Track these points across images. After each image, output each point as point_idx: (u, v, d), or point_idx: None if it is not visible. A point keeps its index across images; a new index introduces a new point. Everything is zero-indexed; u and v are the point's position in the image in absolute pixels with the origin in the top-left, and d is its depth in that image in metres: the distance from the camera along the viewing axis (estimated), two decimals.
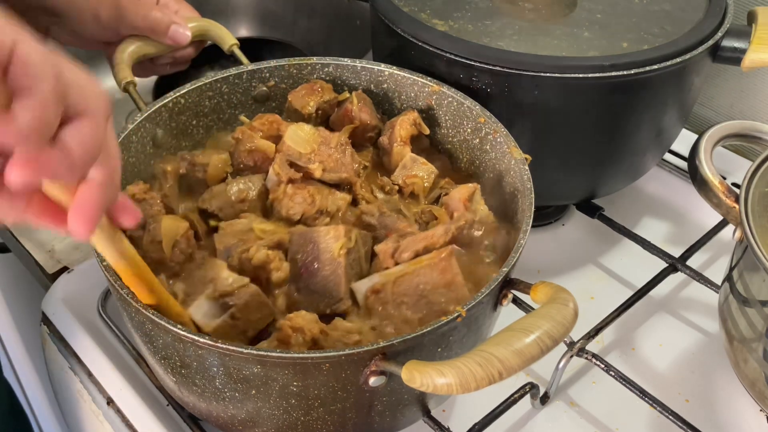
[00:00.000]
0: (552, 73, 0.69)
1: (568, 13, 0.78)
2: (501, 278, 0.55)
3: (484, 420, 0.65)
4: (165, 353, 0.56)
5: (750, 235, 0.60)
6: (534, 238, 0.86)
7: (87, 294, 0.77)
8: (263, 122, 0.71)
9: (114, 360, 0.71)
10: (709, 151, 0.69)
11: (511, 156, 0.66)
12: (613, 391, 0.70)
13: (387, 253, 0.61)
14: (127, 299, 0.53)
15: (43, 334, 0.77)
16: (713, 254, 0.86)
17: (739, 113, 1.00)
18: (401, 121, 0.72)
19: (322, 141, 0.68)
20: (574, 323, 0.49)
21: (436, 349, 0.55)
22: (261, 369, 0.52)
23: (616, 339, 0.77)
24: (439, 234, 0.61)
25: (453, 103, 0.72)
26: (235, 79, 0.75)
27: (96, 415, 0.71)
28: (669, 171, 0.94)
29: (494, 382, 0.46)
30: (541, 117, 0.73)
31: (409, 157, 0.70)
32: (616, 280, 0.83)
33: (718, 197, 0.67)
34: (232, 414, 0.57)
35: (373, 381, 0.52)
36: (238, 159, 0.69)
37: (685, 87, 0.76)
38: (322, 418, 0.56)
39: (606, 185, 0.83)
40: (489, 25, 0.76)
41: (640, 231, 0.84)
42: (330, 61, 0.76)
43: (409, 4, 0.78)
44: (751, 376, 0.65)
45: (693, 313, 0.80)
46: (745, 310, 0.64)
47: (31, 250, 0.83)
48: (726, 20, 0.76)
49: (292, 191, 0.66)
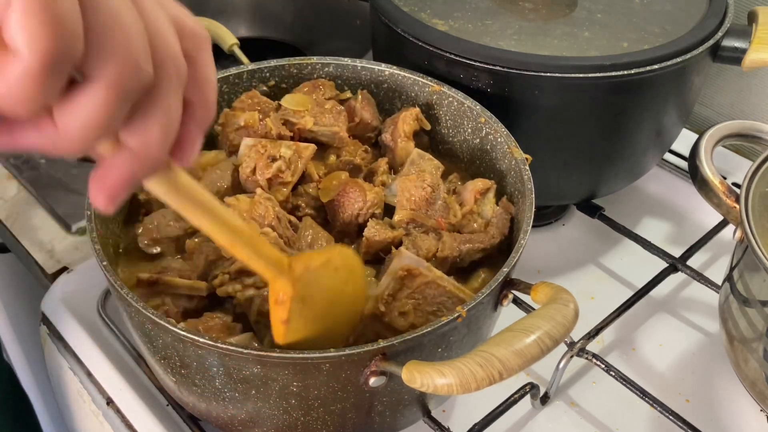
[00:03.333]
0: (552, 73, 0.69)
1: (568, 13, 0.78)
2: (501, 278, 0.55)
3: (484, 420, 0.65)
4: (165, 353, 0.56)
5: (750, 235, 0.60)
6: (534, 238, 0.86)
7: (87, 294, 0.77)
8: (242, 101, 0.72)
9: (114, 360, 0.71)
10: (709, 151, 0.69)
11: (512, 156, 0.66)
12: (613, 391, 0.70)
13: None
14: (126, 299, 0.53)
15: (43, 335, 0.77)
16: (713, 254, 0.86)
17: (739, 113, 1.00)
18: (404, 116, 0.72)
19: (316, 103, 0.71)
20: (574, 323, 0.49)
21: (436, 350, 0.55)
22: (261, 369, 0.52)
23: (616, 339, 0.77)
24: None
25: (453, 103, 0.72)
26: (235, 79, 0.75)
27: (96, 415, 0.70)
28: (669, 171, 0.93)
29: (495, 383, 0.46)
30: (541, 117, 0.73)
31: (416, 152, 0.70)
32: (617, 280, 0.83)
33: (718, 197, 0.67)
34: (232, 414, 0.57)
35: (374, 381, 0.52)
36: (227, 143, 0.70)
37: (685, 87, 0.76)
38: (322, 419, 0.56)
39: (606, 185, 0.83)
40: (489, 25, 0.76)
41: (641, 231, 0.84)
42: (330, 61, 0.76)
43: (409, 4, 0.78)
44: (751, 376, 0.65)
45: (693, 313, 0.80)
46: (745, 310, 0.64)
47: (31, 250, 0.83)
48: (726, 20, 0.76)
49: (248, 150, 0.66)
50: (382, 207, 0.66)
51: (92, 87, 0.31)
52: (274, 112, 0.71)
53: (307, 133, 0.70)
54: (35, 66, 0.28)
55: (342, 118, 0.71)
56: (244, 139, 0.68)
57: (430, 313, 0.59)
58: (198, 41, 0.36)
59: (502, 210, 0.66)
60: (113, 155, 0.34)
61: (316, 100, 0.72)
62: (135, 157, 0.34)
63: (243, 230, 0.45)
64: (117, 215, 0.66)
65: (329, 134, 0.70)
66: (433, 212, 0.64)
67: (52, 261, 0.81)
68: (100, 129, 0.32)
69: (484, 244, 0.63)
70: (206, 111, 0.38)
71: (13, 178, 0.91)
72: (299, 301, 0.50)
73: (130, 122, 0.33)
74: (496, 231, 0.64)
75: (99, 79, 0.31)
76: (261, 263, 0.48)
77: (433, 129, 0.74)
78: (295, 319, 0.51)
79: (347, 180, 0.67)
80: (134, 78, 0.32)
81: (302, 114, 0.70)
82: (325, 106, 0.71)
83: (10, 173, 0.91)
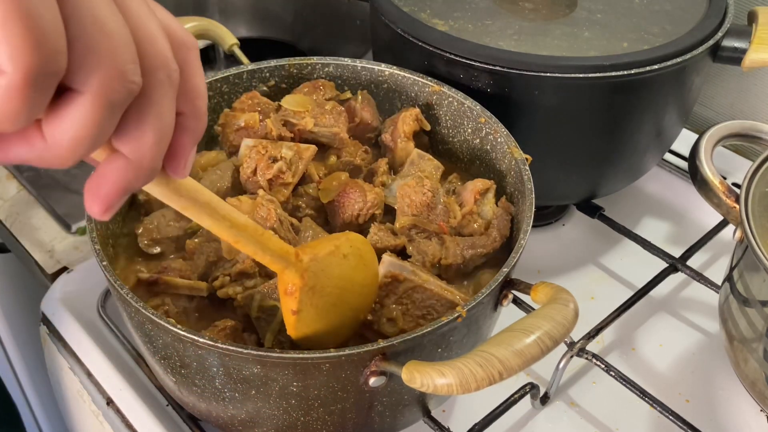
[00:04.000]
0: (552, 73, 0.69)
1: (568, 13, 0.78)
2: (501, 278, 0.55)
3: (484, 420, 0.65)
4: (165, 353, 0.56)
5: (750, 235, 0.60)
6: (534, 238, 0.86)
7: (87, 294, 0.77)
8: (242, 101, 0.72)
9: (114, 360, 0.71)
10: (709, 151, 0.69)
11: (512, 156, 0.66)
12: (613, 391, 0.70)
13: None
14: (126, 299, 0.53)
15: (43, 335, 0.77)
16: (713, 254, 0.86)
17: (739, 113, 1.00)
18: (404, 116, 0.72)
19: (317, 104, 0.71)
20: (574, 324, 0.49)
21: (436, 350, 0.55)
22: (261, 369, 0.52)
23: (616, 339, 0.77)
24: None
25: (453, 103, 0.72)
26: (235, 79, 0.75)
27: (96, 415, 0.70)
28: (669, 171, 0.93)
29: (494, 383, 0.46)
30: (541, 117, 0.73)
31: (416, 153, 0.70)
32: (617, 280, 0.83)
33: (718, 197, 0.67)
34: (231, 414, 0.57)
35: (373, 381, 0.52)
36: (227, 143, 0.70)
37: (685, 87, 0.76)
38: (322, 419, 0.56)
39: (606, 185, 0.83)
40: (489, 25, 0.76)
41: (641, 231, 0.84)
42: (330, 61, 0.76)
43: (409, 4, 0.78)
44: (751, 376, 0.65)
45: (693, 313, 0.80)
46: (745, 310, 0.64)
47: (30, 250, 0.83)
48: (726, 20, 0.76)
49: (249, 151, 0.66)
50: (382, 207, 0.66)
51: (79, 99, 0.30)
52: (275, 113, 0.71)
53: (307, 134, 0.70)
54: (18, 81, 0.28)
55: (342, 119, 0.71)
56: (245, 140, 0.68)
57: (419, 317, 0.59)
58: (186, 50, 0.36)
59: (503, 210, 0.66)
60: (107, 162, 0.34)
61: (317, 100, 0.72)
62: (129, 165, 0.34)
63: (247, 225, 0.46)
64: (117, 215, 0.66)
65: (329, 135, 0.70)
66: (435, 216, 0.64)
67: (52, 261, 0.81)
68: (90, 141, 0.31)
69: (487, 249, 0.63)
70: (197, 121, 0.37)
71: (13, 178, 0.91)
72: (309, 291, 0.51)
73: (122, 128, 0.33)
74: (497, 234, 0.64)
75: (85, 91, 0.30)
76: (267, 256, 0.48)
77: (433, 129, 0.74)
78: (306, 309, 0.51)
79: (347, 180, 0.67)
80: (122, 88, 0.31)
81: (302, 115, 0.70)
82: (325, 106, 0.71)
83: (10, 173, 0.91)
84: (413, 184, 0.65)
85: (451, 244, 0.63)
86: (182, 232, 0.65)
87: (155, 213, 0.66)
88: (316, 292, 0.51)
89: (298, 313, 0.50)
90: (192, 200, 0.41)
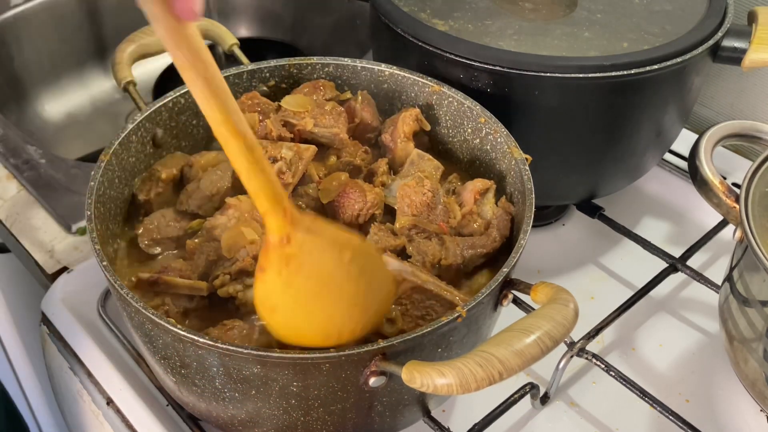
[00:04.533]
0: (552, 73, 0.69)
1: (568, 13, 0.78)
2: (501, 278, 0.55)
3: (484, 420, 0.65)
4: (165, 353, 0.56)
5: (750, 235, 0.60)
6: (534, 238, 0.86)
7: (87, 294, 0.77)
8: (242, 102, 0.72)
9: (114, 360, 0.71)
10: (709, 151, 0.69)
11: (512, 156, 0.66)
12: (613, 391, 0.70)
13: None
14: (127, 299, 0.53)
15: (43, 335, 0.77)
16: (713, 254, 0.86)
17: (739, 113, 1.00)
18: (403, 117, 0.72)
19: (317, 104, 0.71)
20: (574, 324, 0.49)
21: (436, 350, 0.55)
22: (261, 369, 0.52)
23: (616, 339, 0.77)
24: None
25: (453, 103, 0.72)
26: (235, 79, 0.75)
27: (96, 415, 0.70)
28: (669, 171, 0.93)
29: (494, 383, 0.46)
30: (541, 117, 0.73)
31: (416, 153, 0.70)
32: (616, 280, 0.83)
33: (718, 197, 0.67)
34: (232, 414, 0.57)
35: (374, 381, 0.52)
36: None
37: (685, 87, 0.76)
38: (322, 419, 0.56)
39: (606, 185, 0.83)
40: (489, 25, 0.76)
41: (640, 231, 0.84)
42: (330, 61, 0.76)
43: (409, 4, 0.78)
44: (751, 376, 0.65)
45: (693, 313, 0.80)
46: (745, 310, 0.64)
47: (30, 250, 0.83)
48: (726, 20, 0.76)
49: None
50: (382, 207, 0.66)
51: None
52: (274, 114, 0.71)
53: (307, 135, 0.70)
54: None
55: (342, 119, 0.71)
56: None
57: (418, 318, 0.59)
58: None
59: (502, 210, 0.66)
60: None
61: (317, 101, 0.72)
62: None
63: (241, 115, 0.44)
64: (117, 216, 0.66)
65: (329, 136, 0.70)
66: (435, 216, 0.64)
67: (52, 261, 0.81)
68: None
69: (487, 249, 0.63)
70: None
71: (13, 178, 0.91)
72: (288, 258, 0.47)
73: None
74: (497, 234, 0.64)
75: None
76: (252, 176, 0.45)
77: (432, 129, 0.74)
78: (275, 279, 0.47)
79: (347, 181, 0.67)
80: None
81: (302, 115, 0.70)
82: (325, 107, 0.71)
83: (10, 173, 0.91)
84: (413, 184, 0.65)
85: (451, 244, 0.63)
86: (182, 232, 0.65)
87: (155, 213, 0.66)
88: (298, 268, 0.47)
89: (264, 272, 0.47)
90: (194, 54, 0.43)
